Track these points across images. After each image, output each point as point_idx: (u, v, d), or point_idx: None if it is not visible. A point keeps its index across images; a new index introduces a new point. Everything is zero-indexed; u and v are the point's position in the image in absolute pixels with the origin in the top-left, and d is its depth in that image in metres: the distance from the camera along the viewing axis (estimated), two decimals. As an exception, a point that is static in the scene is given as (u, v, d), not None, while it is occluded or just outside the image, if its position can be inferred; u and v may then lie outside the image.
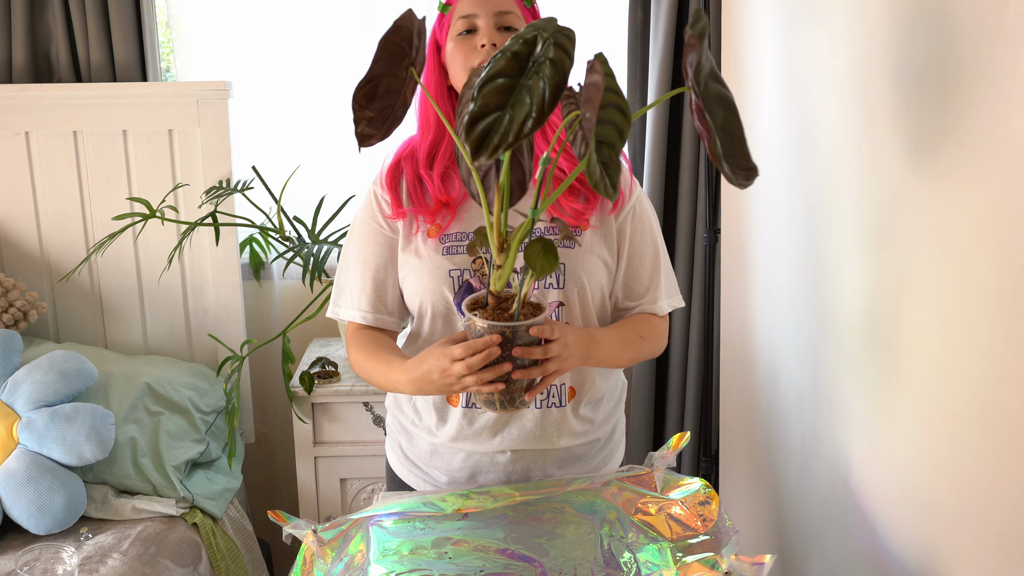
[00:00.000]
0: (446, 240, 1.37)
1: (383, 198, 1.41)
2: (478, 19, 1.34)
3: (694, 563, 1.15)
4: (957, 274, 1.06)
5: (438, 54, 1.39)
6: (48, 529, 1.84)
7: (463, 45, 1.34)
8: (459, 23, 1.35)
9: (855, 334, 1.35)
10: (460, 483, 1.44)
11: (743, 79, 1.87)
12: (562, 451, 1.42)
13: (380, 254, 1.41)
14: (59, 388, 1.93)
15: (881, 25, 1.22)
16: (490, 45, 1.32)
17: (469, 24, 1.34)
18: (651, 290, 1.43)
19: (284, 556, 2.48)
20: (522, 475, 1.42)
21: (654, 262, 1.43)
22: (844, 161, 1.36)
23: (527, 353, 1.17)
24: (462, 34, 1.35)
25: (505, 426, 1.39)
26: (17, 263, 2.32)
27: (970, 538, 1.06)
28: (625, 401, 1.55)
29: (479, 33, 1.34)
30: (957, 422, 1.08)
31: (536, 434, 1.39)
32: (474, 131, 0.98)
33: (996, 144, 0.97)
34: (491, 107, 0.98)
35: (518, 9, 1.36)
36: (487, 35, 1.33)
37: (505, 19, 1.34)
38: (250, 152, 2.36)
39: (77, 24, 2.23)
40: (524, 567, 1.14)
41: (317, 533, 1.24)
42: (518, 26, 1.34)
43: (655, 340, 1.44)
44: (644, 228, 1.43)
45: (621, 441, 1.54)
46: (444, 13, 1.38)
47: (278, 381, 2.53)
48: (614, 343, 1.37)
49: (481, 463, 1.42)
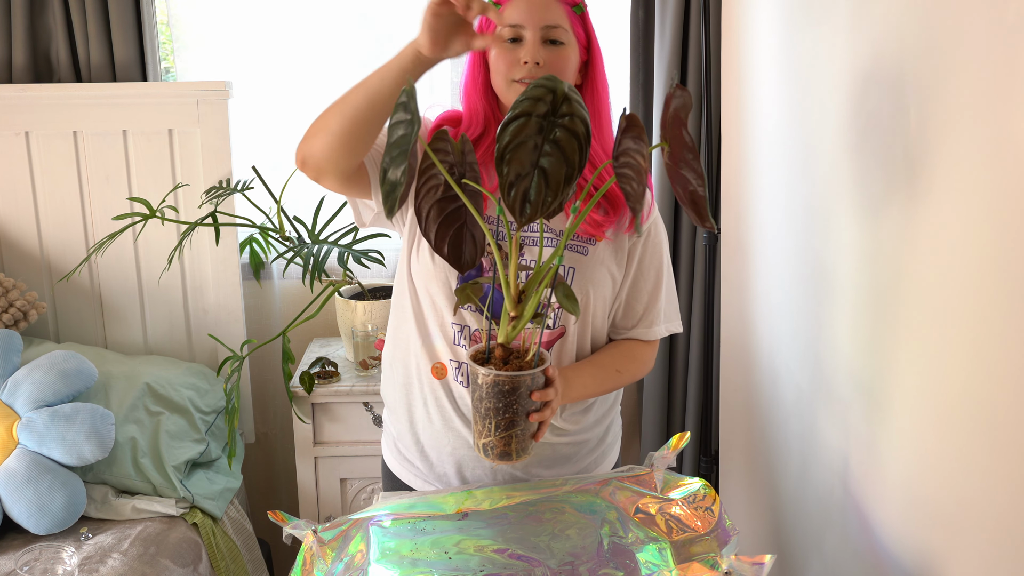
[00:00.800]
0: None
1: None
2: (524, 30, 1.30)
3: (694, 563, 1.15)
4: (956, 274, 1.06)
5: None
6: (48, 529, 1.84)
7: (507, 54, 1.31)
8: (506, 30, 1.31)
9: (855, 335, 1.35)
10: (449, 477, 1.44)
11: (743, 79, 1.87)
12: (548, 449, 1.42)
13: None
14: (59, 388, 1.93)
15: (881, 25, 1.22)
16: (532, 63, 1.29)
17: (515, 33, 1.31)
18: (648, 313, 1.43)
19: (284, 556, 2.48)
20: (507, 474, 1.42)
21: (655, 286, 1.43)
22: (844, 161, 1.36)
23: (533, 398, 1.19)
24: (508, 41, 1.31)
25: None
26: (17, 263, 2.32)
27: (967, 538, 1.06)
28: (628, 403, 1.55)
29: (524, 45, 1.31)
30: (955, 423, 1.08)
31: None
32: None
33: (996, 144, 0.97)
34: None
35: (566, 21, 1.32)
36: (531, 51, 1.30)
37: (552, 33, 1.31)
38: (250, 152, 2.36)
39: (77, 24, 2.23)
40: (524, 567, 1.14)
41: (317, 533, 1.24)
42: (564, 40, 1.31)
43: (634, 370, 1.44)
44: (654, 251, 1.43)
45: (615, 444, 1.54)
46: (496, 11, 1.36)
47: (278, 381, 2.53)
48: (587, 380, 1.38)
49: (466, 458, 1.41)
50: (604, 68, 1.39)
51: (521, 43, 1.31)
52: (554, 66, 1.31)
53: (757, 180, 1.81)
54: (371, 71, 1.27)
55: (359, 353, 2.21)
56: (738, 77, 1.90)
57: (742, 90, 1.87)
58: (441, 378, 1.39)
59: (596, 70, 1.38)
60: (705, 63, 2.12)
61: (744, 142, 1.88)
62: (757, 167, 1.81)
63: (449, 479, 1.44)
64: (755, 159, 1.81)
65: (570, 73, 1.33)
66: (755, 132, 1.80)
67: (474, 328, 1.37)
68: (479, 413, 1.18)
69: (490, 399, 1.16)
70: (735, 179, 1.96)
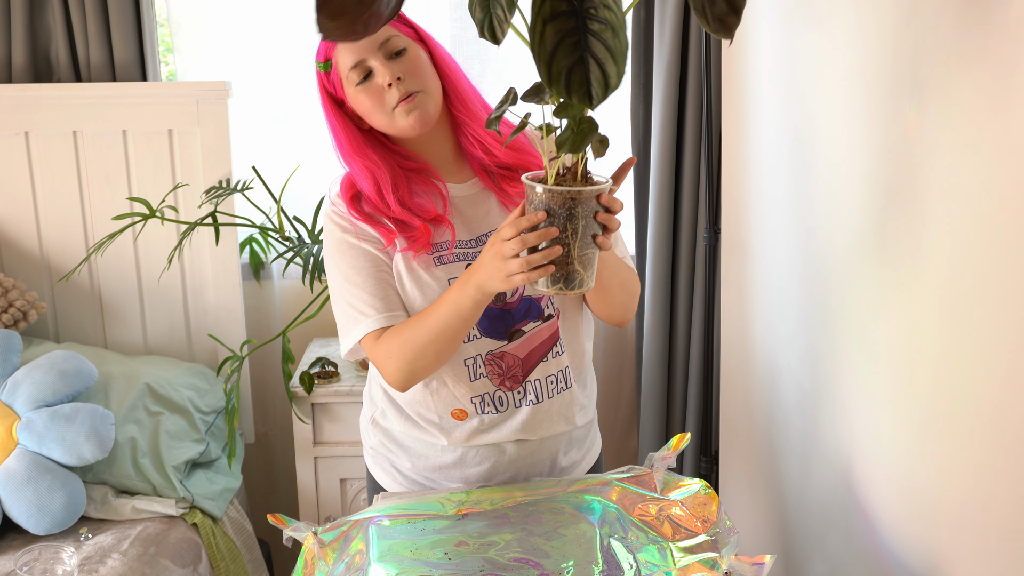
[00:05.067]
0: (436, 250, 1.35)
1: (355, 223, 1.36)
2: (368, 61, 1.28)
3: (694, 563, 1.15)
4: (957, 273, 1.06)
5: (340, 108, 1.34)
6: (48, 529, 1.84)
7: (368, 92, 1.29)
8: (352, 74, 1.29)
9: (855, 334, 1.35)
10: (474, 483, 1.43)
11: (743, 79, 1.87)
12: (570, 434, 1.44)
13: (371, 262, 1.35)
14: (59, 388, 1.93)
15: (880, 25, 1.22)
16: (394, 80, 1.27)
17: (362, 70, 1.29)
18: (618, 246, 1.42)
19: (284, 556, 2.48)
20: (533, 466, 1.42)
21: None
22: (844, 161, 1.36)
23: (590, 226, 1.11)
24: (360, 83, 1.29)
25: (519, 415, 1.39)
26: (17, 263, 2.32)
27: (972, 537, 1.06)
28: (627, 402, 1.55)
29: (376, 74, 1.29)
30: (959, 421, 1.08)
31: (553, 418, 1.40)
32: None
33: (996, 144, 0.96)
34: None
35: (390, 29, 1.30)
36: (386, 73, 1.28)
37: (389, 45, 1.29)
38: (250, 152, 2.36)
39: (77, 24, 2.23)
40: (524, 567, 1.14)
41: (318, 535, 1.24)
42: (402, 45, 1.30)
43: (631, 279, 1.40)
44: None
45: (596, 415, 1.54)
46: (327, 71, 1.33)
47: (278, 381, 2.52)
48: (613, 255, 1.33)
49: (496, 460, 1.41)
50: (444, 49, 1.38)
51: (372, 75, 1.29)
52: (414, 72, 1.29)
53: (757, 180, 1.81)
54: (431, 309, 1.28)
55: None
56: (738, 77, 1.90)
57: (742, 90, 1.87)
58: (463, 420, 1.39)
59: (442, 57, 1.36)
60: (705, 63, 2.12)
61: (744, 142, 1.88)
62: (757, 167, 1.80)
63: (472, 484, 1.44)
64: (755, 159, 1.81)
65: (429, 72, 1.32)
66: (755, 132, 1.80)
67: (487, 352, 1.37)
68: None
69: (552, 219, 1.10)
70: (735, 179, 1.96)
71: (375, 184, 1.34)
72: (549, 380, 1.39)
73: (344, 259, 1.36)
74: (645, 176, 2.35)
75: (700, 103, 2.21)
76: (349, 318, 1.36)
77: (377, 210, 1.35)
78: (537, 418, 1.39)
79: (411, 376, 1.31)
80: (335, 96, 1.35)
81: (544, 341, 1.38)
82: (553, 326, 1.39)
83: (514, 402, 1.38)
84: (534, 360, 1.38)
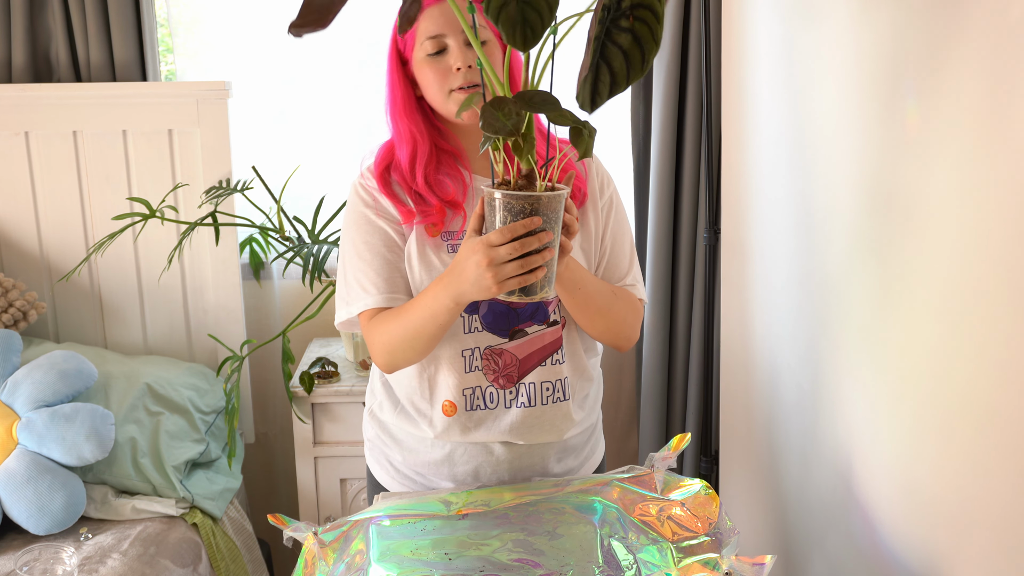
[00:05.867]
0: (448, 238, 1.37)
1: (379, 198, 1.38)
2: (447, 38, 1.30)
3: (694, 563, 1.15)
4: (957, 273, 1.06)
5: (403, 67, 1.35)
6: (48, 529, 1.84)
7: (436, 66, 1.30)
8: (427, 43, 1.30)
9: (855, 334, 1.35)
10: (464, 483, 1.44)
11: (743, 79, 1.87)
12: (560, 443, 1.43)
13: (383, 241, 1.37)
14: (59, 388, 1.93)
15: (880, 25, 1.22)
16: (465, 67, 1.28)
17: (439, 44, 1.30)
18: (630, 274, 1.45)
19: (284, 556, 2.48)
20: (521, 470, 1.42)
21: (632, 252, 1.46)
22: (844, 161, 1.36)
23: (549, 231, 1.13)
24: (432, 55, 1.30)
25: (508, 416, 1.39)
26: (17, 263, 2.32)
27: (972, 537, 1.06)
28: (627, 402, 1.55)
29: (450, 54, 1.30)
30: (958, 421, 1.08)
31: (544, 426, 1.40)
32: None
33: (996, 144, 0.97)
34: None
35: (480, 19, 1.29)
36: (460, 57, 1.29)
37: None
38: (250, 152, 2.36)
39: (77, 24, 2.23)
40: (524, 567, 1.14)
41: (318, 535, 1.24)
42: (485, 36, 1.30)
43: (629, 309, 1.41)
44: (622, 218, 1.45)
45: (601, 424, 1.55)
46: (402, 35, 1.33)
47: (278, 381, 2.52)
48: (587, 275, 1.35)
49: (484, 460, 1.41)
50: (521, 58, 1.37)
51: (446, 52, 1.30)
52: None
53: (757, 180, 1.81)
54: (415, 303, 1.30)
55: (359, 353, 2.21)
56: (738, 77, 1.90)
57: (742, 90, 1.87)
58: (451, 415, 1.39)
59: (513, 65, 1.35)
60: (705, 63, 2.12)
61: (744, 142, 1.88)
62: (757, 167, 1.80)
63: (464, 484, 1.44)
64: (755, 159, 1.81)
65: (500, 68, 1.31)
66: (755, 132, 1.80)
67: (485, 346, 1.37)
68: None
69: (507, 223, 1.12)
70: (735, 179, 1.96)
71: (412, 150, 1.36)
72: (544, 387, 1.38)
73: (359, 233, 1.39)
74: (645, 176, 2.35)
75: (700, 103, 2.21)
76: (351, 291, 1.39)
77: (403, 180, 1.37)
78: (527, 423, 1.38)
79: (392, 364, 1.36)
80: (402, 54, 1.35)
81: (546, 345, 1.38)
82: (557, 332, 1.38)
83: (504, 402, 1.38)
84: (532, 362, 1.38)
